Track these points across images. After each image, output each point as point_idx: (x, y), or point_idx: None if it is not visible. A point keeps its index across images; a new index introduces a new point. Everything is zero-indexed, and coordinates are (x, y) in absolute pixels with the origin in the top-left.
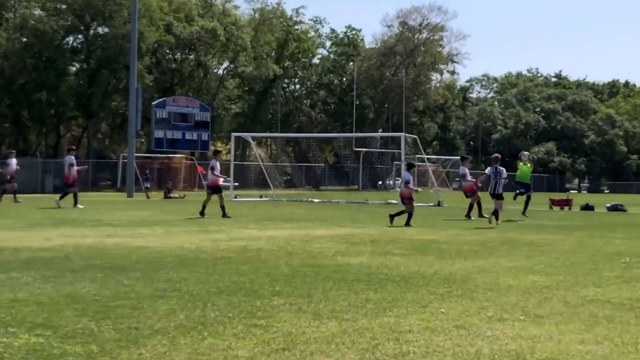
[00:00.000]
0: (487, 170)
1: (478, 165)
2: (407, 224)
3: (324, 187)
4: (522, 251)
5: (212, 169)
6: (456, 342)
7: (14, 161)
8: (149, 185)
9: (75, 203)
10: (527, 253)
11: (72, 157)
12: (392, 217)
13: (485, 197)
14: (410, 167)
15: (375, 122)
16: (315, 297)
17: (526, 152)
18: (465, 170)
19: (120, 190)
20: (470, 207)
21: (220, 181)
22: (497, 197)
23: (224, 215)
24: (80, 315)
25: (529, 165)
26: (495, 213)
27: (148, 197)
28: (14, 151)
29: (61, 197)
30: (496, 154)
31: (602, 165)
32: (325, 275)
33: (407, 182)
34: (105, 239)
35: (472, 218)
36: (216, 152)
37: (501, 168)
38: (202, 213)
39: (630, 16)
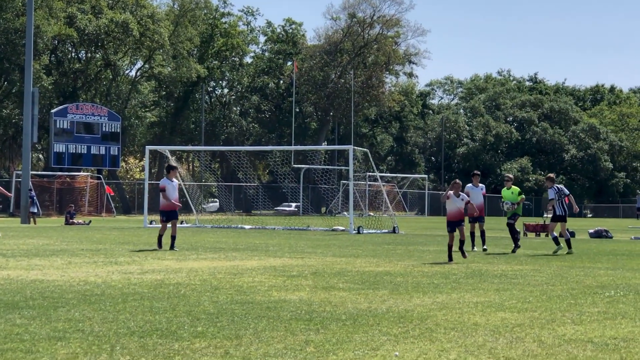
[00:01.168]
0: (551, 193)
1: (440, 186)
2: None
3: (256, 211)
4: (492, 284)
5: (163, 190)
6: None
7: None
8: (36, 210)
9: None
10: (497, 286)
11: None
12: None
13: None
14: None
15: (318, 133)
16: (245, 339)
17: (509, 175)
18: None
19: (13, 215)
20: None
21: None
22: (562, 219)
23: (173, 246)
24: None
25: (513, 189)
26: (567, 240)
27: (34, 224)
28: None
29: None
30: (550, 174)
31: (585, 185)
32: (257, 314)
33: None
34: None
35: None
36: (170, 169)
37: (560, 186)
38: (159, 245)
39: (615, 12)
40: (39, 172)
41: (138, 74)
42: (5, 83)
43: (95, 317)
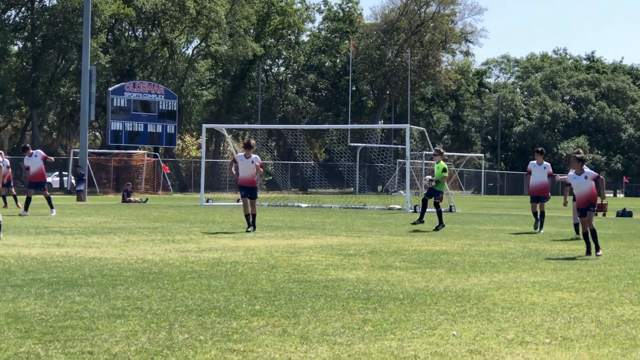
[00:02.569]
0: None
1: (496, 165)
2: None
3: (313, 190)
4: (549, 264)
5: (234, 162)
6: None
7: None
8: (82, 188)
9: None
10: (554, 266)
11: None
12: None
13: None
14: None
15: (375, 111)
16: (302, 318)
17: (438, 147)
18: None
19: (70, 193)
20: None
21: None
22: None
23: (251, 225)
24: (24, 337)
25: (439, 164)
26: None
27: (80, 200)
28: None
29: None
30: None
31: None
32: (315, 293)
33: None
34: (52, 249)
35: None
36: (245, 147)
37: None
38: (248, 224)
39: None
40: (96, 150)
41: (194, 52)
42: (63, 61)
43: (153, 295)
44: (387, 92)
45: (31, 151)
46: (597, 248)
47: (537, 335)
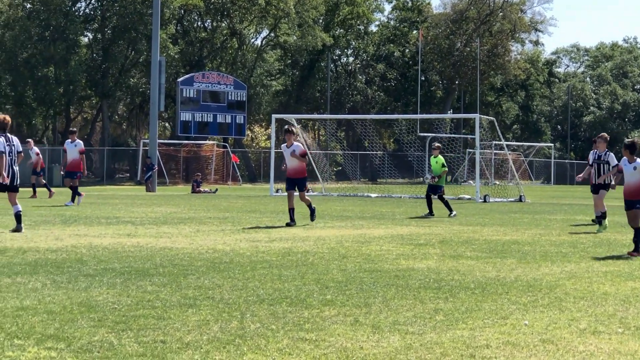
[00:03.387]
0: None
1: (566, 154)
2: None
3: (382, 180)
4: (620, 253)
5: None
6: (542, 359)
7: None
8: (150, 176)
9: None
10: (626, 256)
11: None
12: None
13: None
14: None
15: (444, 101)
16: (374, 307)
17: (436, 142)
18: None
19: (140, 183)
20: None
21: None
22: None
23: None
24: (97, 326)
25: (438, 158)
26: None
27: (149, 191)
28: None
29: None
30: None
31: None
32: (386, 282)
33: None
34: (124, 239)
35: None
36: (288, 131)
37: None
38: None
39: None
40: (166, 141)
41: (263, 42)
42: (133, 52)
43: (224, 285)
44: (457, 81)
45: (75, 138)
46: (635, 248)
47: (609, 325)
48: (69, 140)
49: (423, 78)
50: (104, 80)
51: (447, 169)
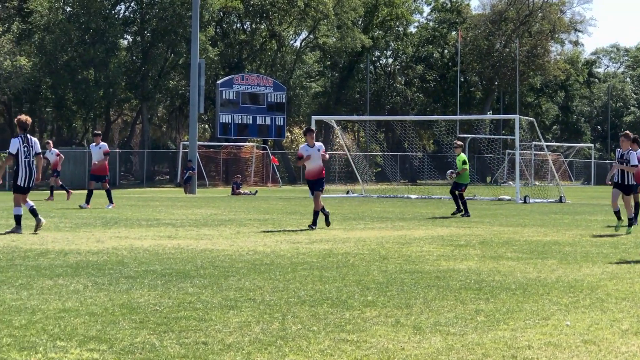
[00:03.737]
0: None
1: (607, 155)
2: None
3: (422, 181)
4: None
5: (300, 157)
6: None
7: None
8: (189, 179)
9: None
10: None
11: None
12: None
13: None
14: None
15: (483, 102)
16: (415, 309)
17: (457, 141)
18: None
19: (179, 185)
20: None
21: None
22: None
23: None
24: (138, 328)
25: (460, 157)
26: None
27: (187, 193)
28: (100, 132)
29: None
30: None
31: None
32: (427, 283)
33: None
34: (164, 241)
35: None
36: (309, 130)
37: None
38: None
39: None
40: (206, 143)
41: (303, 44)
42: (172, 55)
43: (265, 286)
44: (496, 82)
45: (99, 140)
46: None
47: None
48: (94, 143)
49: (462, 79)
50: (143, 83)
51: (467, 166)
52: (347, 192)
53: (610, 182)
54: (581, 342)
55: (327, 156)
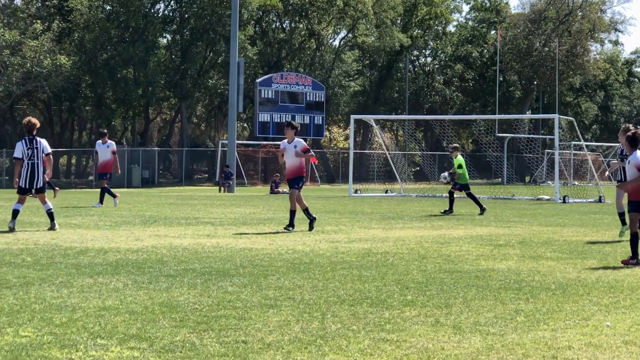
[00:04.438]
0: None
1: None
2: None
3: None
4: None
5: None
6: None
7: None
8: (229, 183)
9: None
10: None
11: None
12: None
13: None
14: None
15: (522, 102)
16: (454, 308)
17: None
18: None
19: (218, 184)
20: None
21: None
22: None
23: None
24: (178, 327)
25: (458, 159)
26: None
27: (220, 192)
28: (106, 131)
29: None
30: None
31: None
32: (466, 283)
33: None
34: (203, 240)
35: None
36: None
37: None
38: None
39: None
40: (244, 142)
41: (342, 43)
42: (211, 54)
43: (305, 285)
44: (535, 82)
45: (107, 139)
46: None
47: None
48: (100, 141)
49: (501, 78)
50: (182, 82)
51: (462, 170)
52: (386, 191)
53: (603, 180)
54: (622, 343)
55: (311, 156)
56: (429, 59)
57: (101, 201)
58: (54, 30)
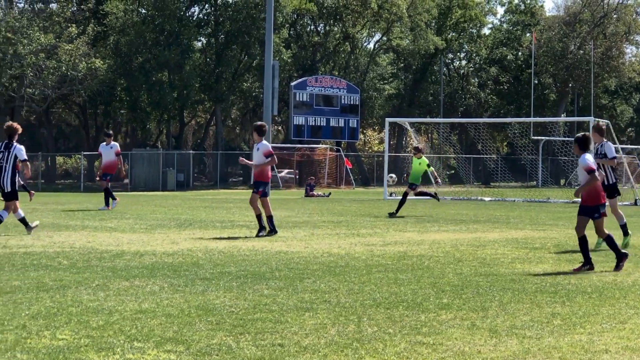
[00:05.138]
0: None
1: None
2: None
3: (495, 183)
4: None
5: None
6: None
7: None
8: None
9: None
10: None
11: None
12: None
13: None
14: None
15: (557, 104)
16: (490, 311)
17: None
18: None
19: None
20: None
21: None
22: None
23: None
24: (215, 330)
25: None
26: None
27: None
28: (111, 133)
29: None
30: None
31: None
32: (502, 286)
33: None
34: (239, 243)
35: None
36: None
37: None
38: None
39: None
40: (279, 145)
41: (376, 46)
42: (246, 57)
43: (340, 289)
44: (570, 84)
45: (111, 140)
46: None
47: None
48: (104, 142)
49: (536, 81)
50: (217, 85)
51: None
52: (391, 194)
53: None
54: None
55: (269, 160)
56: (463, 62)
57: (107, 203)
58: (89, 34)
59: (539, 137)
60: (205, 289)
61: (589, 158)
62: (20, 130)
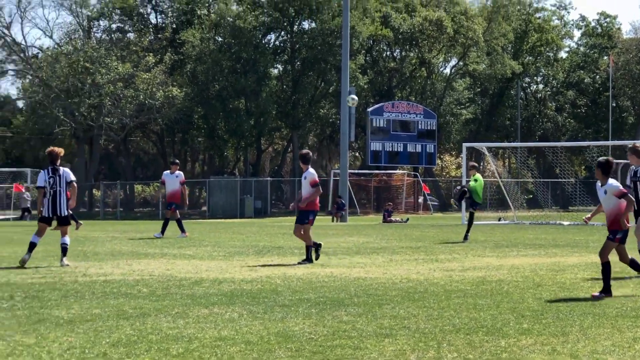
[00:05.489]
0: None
1: None
2: None
3: (574, 207)
4: None
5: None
6: None
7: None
8: (342, 214)
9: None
10: None
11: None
12: None
13: None
14: None
15: (636, 127)
16: (571, 336)
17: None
18: None
19: (331, 214)
20: None
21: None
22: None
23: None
24: (294, 357)
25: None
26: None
27: (333, 222)
28: (177, 161)
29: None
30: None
31: None
32: (582, 311)
33: None
34: (317, 269)
35: None
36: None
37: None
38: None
39: None
40: (356, 171)
41: (452, 71)
42: (322, 83)
43: (420, 314)
44: None
45: (176, 169)
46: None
47: None
48: (169, 171)
49: (614, 104)
50: (294, 112)
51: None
52: (499, 219)
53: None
54: None
55: (315, 191)
56: (540, 86)
57: (182, 230)
58: (166, 63)
59: (618, 161)
60: (284, 316)
61: (617, 182)
62: (62, 154)
